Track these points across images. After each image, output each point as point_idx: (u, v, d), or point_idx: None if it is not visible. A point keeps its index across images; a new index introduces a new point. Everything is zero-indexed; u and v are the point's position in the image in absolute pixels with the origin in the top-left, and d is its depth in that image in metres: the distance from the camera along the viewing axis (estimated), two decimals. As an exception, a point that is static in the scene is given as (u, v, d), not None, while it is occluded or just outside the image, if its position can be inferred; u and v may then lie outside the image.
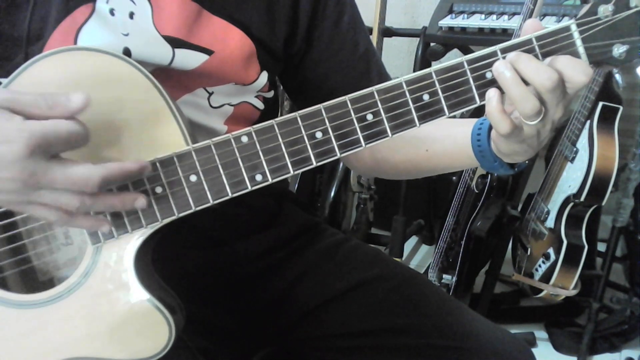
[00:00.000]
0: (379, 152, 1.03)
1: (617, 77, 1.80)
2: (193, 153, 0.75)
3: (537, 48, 0.74)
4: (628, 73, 1.83)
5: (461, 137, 0.90)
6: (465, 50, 2.35)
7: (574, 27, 0.74)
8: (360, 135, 0.76)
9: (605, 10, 0.73)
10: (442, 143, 0.95)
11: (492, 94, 0.75)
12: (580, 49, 0.74)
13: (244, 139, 0.75)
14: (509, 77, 0.73)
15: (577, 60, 0.73)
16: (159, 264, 0.85)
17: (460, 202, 2.11)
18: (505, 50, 0.75)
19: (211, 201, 0.76)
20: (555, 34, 0.74)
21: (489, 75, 0.75)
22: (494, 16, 2.13)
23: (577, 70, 0.72)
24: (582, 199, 1.84)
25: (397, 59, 2.83)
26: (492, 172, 0.91)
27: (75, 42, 0.84)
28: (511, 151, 0.81)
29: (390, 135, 0.76)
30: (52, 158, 0.67)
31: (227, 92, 0.95)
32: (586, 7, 0.74)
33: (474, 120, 0.89)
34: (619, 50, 0.74)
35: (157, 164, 0.75)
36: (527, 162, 0.87)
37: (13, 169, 0.65)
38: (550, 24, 1.94)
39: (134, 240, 0.78)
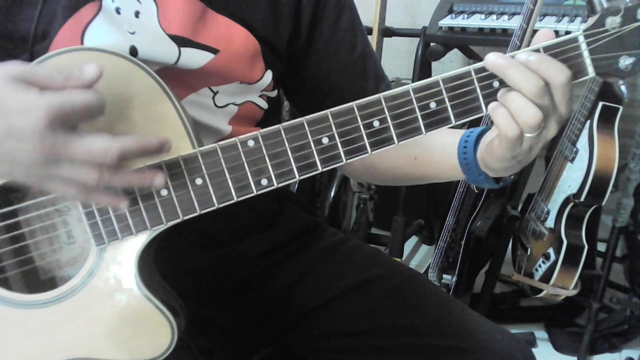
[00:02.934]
0: (368, 158, 1.04)
1: (623, 88, 1.80)
2: (199, 156, 0.75)
3: None
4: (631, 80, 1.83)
5: (449, 147, 0.90)
6: (465, 51, 2.36)
7: (581, 38, 0.74)
8: (366, 141, 0.76)
9: (613, 22, 0.73)
10: (430, 152, 0.95)
11: (495, 104, 0.75)
12: (587, 60, 0.74)
13: (251, 143, 0.75)
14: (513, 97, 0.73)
15: (554, 60, 0.73)
16: (160, 265, 0.85)
17: (460, 202, 2.11)
18: None
19: (216, 205, 0.77)
20: (563, 45, 0.74)
21: (496, 84, 0.75)
22: (494, 16, 2.13)
23: (553, 71, 0.72)
24: (582, 199, 1.85)
25: (397, 59, 2.83)
26: (477, 185, 0.91)
27: (81, 41, 0.84)
28: (500, 167, 0.82)
29: (396, 142, 0.76)
30: (71, 130, 0.67)
31: (232, 91, 0.95)
32: (594, 18, 0.74)
33: (462, 131, 0.89)
34: (625, 62, 0.74)
35: (163, 167, 0.75)
36: (512, 176, 0.88)
37: (32, 141, 0.65)
38: (550, 24, 1.98)
39: (137, 242, 0.79)
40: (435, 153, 0.94)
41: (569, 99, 0.74)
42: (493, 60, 0.73)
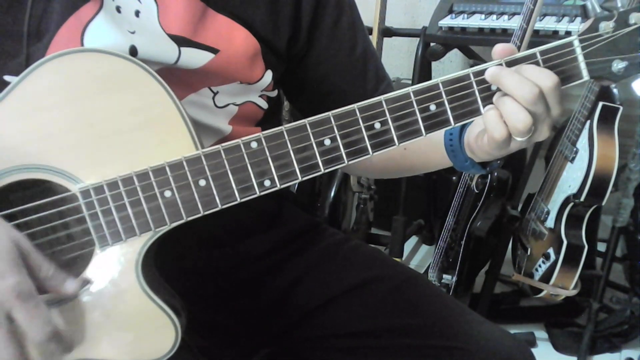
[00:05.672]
0: None
1: (615, 91, 1.81)
2: (203, 158, 0.76)
3: (541, 62, 0.76)
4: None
5: (436, 135, 0.91)
6: (465, 51, 2.36)
7: (576, 43, 0.76)
8: (368, 143, 0.77)
9: (606, 26, 0.75)
10: (418, 141, 0.96)
11: (489, 106, 0.77)
12: (582, 64, 0.77)
13: (254, 144, 0.76)
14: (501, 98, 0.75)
15: (541, 68, 0.76)
16: (160, 265, 0.85)
17: (460, 202, 2.12)
18: (510, 64, 0.76)
19: (220, 205, 0.77)
20: (558, 49, 0.76)
21: (494, 87, 0.76)
22: (494, 16, 2.13)
23: (541, 78, 0.74)
24: (582, 199, 1.85)
25: (397, 59, 2.83)
26: (464, 171, 0.93)
27: (81, 40, 0.84)
28: (487, 157, 0.83)
29: (397, 144, 0.77)
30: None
31: (232, 91, 0.95)
32: (588, 23, 0.76)
33: None
34: (618, 66, 0.76)
35: (167, 168, 0.76)
36: (498, 161, 0.89)
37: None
38: (550, 24, 1.98)
39: (141, 243, 0.79)
40: (423, 142, 0.94)
41: (560, 102, 0.76)
42: (490, 72, 0.76)
